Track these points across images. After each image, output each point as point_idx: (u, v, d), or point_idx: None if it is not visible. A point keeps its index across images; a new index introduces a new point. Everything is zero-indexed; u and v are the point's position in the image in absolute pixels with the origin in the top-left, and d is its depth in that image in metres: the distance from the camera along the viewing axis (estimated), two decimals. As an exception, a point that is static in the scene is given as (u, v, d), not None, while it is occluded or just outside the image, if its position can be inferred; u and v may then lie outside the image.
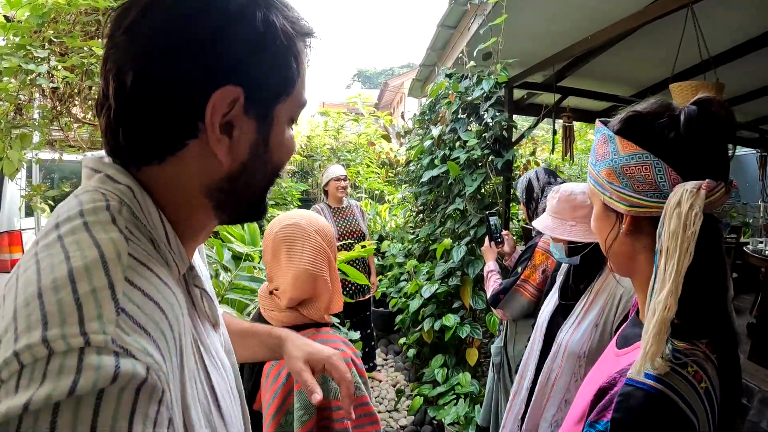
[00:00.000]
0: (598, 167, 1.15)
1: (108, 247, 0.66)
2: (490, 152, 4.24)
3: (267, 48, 0.78)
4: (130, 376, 0.56)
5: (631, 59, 5.50)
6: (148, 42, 0.73)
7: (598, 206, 1.21)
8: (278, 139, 0.86)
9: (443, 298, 4.63)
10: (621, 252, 1.18)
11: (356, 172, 10.39)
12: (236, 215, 0.91)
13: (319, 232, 1.81)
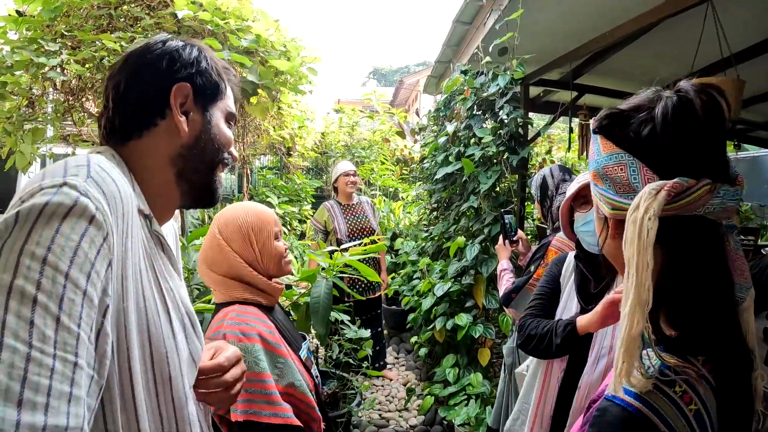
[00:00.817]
0: (590, 166, 1.07)
1: (92, 156, 1.00)
2: (505, 149, 4.18)
3: (201, 65, 1.24)
4: (84, 207, 0.85)
5: (649, 56, 5.42)
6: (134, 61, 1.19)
7: (595, 207, 1.12)
8: (217, 125, 1.27)
9: (456, 296, 4.58)
10: (613, 256, 1.10)
11: (370, 169, 10.36)
12: (192, 191, 1.26)
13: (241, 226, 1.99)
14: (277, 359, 1.88)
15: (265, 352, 1.85)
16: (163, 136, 1.18)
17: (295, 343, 2.08)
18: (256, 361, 1.80)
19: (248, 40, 4.12)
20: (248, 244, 1.98)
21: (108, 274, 0.89)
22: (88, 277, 0.83)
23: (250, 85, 4.11)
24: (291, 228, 10.22)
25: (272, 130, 6.99)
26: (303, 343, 2.19)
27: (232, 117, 1.34)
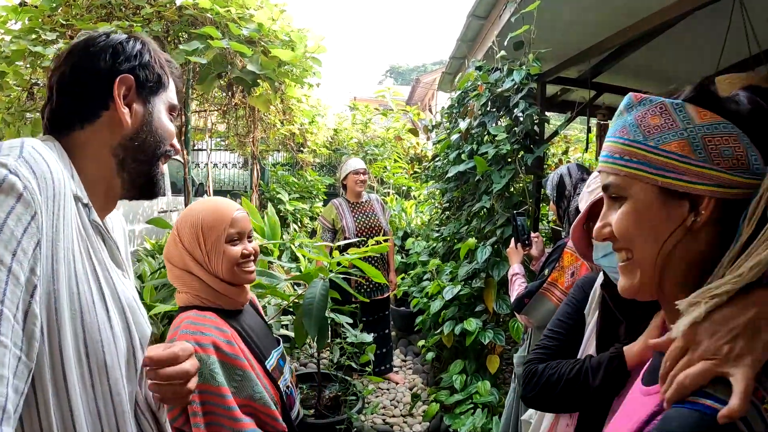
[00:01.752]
0: (653, 141, 0.92)
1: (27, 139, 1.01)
2: (520, 147, 4.02)
3: (144, 58, 1.25)
4: (12, 184, 0.87)
5: (671, 53, 5.27)
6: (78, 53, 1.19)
7: (646, 194, 0.94)
8: (159, 117, 1.28)
9: (466, 300, 4.44)
10: (688, 255, 0.92)
11: (383, 167, 10.27)
12: (133, 182, 1.26)
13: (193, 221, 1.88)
14: (234, 371, 1.76)
15: (221, 363, 1.73)
16: (105, 127, 1.19)
17: (262, 351, 1.95)
18: (213, 375, 1.69)
19: (249, 28, 4.02)
20: (196, 241, 1.87)
21: (36, 254, 0.90)
22: (14, 255, 0.85)
23: (250, 76, 4.00)
24: (302, 225, 10.15)
25: (280, 125, 6.90)
26: (274, 350, 2.05)
27: (174, 109, 1.36)
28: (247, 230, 1.95)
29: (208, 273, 1.86)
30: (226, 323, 1.84)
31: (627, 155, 0.96)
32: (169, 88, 1.34)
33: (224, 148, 12.78)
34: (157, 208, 8.81)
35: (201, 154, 13.52)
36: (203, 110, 7.73)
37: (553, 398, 1.60)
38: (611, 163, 0.98)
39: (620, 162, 0.97)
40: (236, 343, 1.81)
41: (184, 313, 1.84)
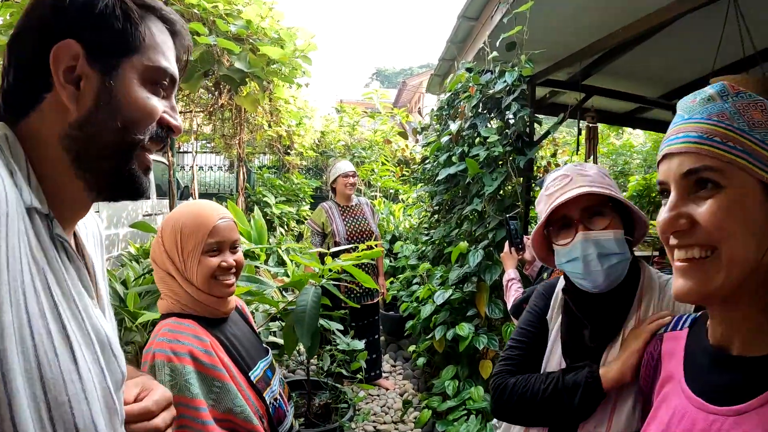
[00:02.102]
0: (759, 135, 0.88)
1: None
2: (512, 150, 3.97)
3: (96, 9, 0.91)
4: None
5: (662, 57, 5.26)
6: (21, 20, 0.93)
7: (748, 188, 0.88)
8: (126, 92, 0.95)
9: (457, 304, 4.39)
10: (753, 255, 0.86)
11: (370, 169, 10.25)
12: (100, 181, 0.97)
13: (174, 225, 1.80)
14: (212, 383, 1.68)
15: (198, 374, 1.65)
16: (50, 113, 0.92)
17: (247, 362, 1.87)
18: (187, 385, 1.61)
19: (238, 25, 3.95)
20: (175, 247, 1.78)
21: None
22: None
23: (238, 74, 3.93)
24: (288, 228, 10.10)
25: (267, 127, 6.83)
26: (261, 360, 1.97)
27: (160, 74, 1.01)
28: (230, 240, 1.85)
29: (185, 279, 1.79)
30: (206, 332, 1.77)
31: (731, 141, 0.89)
32: (146, 46, 0.98)
33: (210, 150, 12.70)
34: (141, 212, 8.74)
35: (186, 157, 13.44)
36: (189, 111, 7.65)
37: (527, 415, 1.60)
38: (707, 144, 0.90)
39: (722, 146, 0.89)
40: (216, 353, 1.73)
41: (163, 321, 1.77)
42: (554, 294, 1.74)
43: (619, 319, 1.54)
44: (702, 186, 0.90)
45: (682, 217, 0.91)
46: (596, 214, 1.53)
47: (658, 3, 3.56)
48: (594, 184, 1.52)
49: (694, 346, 1.09)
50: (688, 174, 0.91)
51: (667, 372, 1.14)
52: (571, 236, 1.54)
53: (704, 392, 0.97)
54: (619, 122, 8.79)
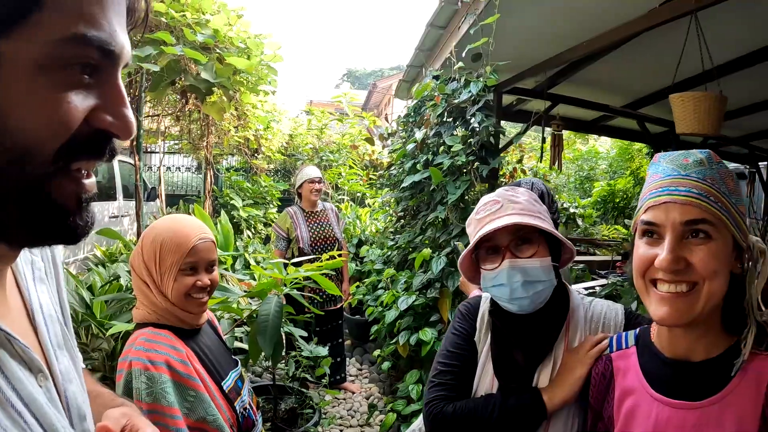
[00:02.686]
0: (734, 199, 1.14)
1: None
2: (475, 159, 4.03)
3: None
4: None
5: (626, 68, 5.37)
6: None
7: (726, 240, 1.13)
8: (16, 92, 0.58)
9: (421, 310, 4.43)
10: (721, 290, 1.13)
11: (338, 173, 10.25)
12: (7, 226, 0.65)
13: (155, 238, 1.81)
14: (187, 392, 1.71)
15: (174, 383, 1.68)
16: None
17: (219, 372, 1.91)
18: (164, 394, 1.63)
19: (205, 34, 3.94)
20: (153, 260, 1.80)
21: None
22: None
23: (204, 84, 3.93)
24: (255, 231, 10.06)
25: (233, 131, 6.81)
26: (232, 371, 2.01)
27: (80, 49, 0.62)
28: (207, 260, 1.86)
29: (160, 292, 1.80)
30: (181, 342, 1.79)
31: (719, 201, 1.12)
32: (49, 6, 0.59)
33: (178, 151, 12.60)
34: (108, 214, 8.63)
35: (153, 157, 13.30)
36: (156, 114, 7.60)
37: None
38: (706, 201, 1.12)
39: (715, 205, 1.12)
40: (191, 363, 1.76)
41: (139, 330, 1.79)
42: (479, 315, 1.75)
43: (549, 340, 1.60)
44: (695, 235, 1.12)
45: (681, 259, 1.12)
46: (524, 241, 1.57)
47: (621, 18, 3.64)
48: (524, 212, 1.57)
49: (650, 361, 1.29)
50: (690, 223, 1.12)
51: (624, 387, 1.32)
52: (497, 262, 1.57)
53: (681, 395, 1.18)
54: (585, 129, 8.92)
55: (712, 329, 1.18)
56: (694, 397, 1.16)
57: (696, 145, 8.95)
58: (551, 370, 1.57)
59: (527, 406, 1.51)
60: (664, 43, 4.05)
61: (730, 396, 1.12)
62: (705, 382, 1.16)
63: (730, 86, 4.00)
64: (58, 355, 0.83)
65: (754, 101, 6.35)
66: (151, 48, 3.84)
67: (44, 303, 0.85)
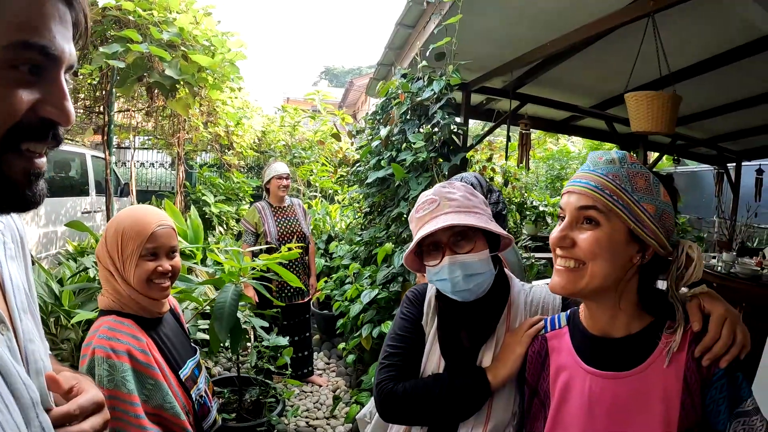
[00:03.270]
0: (637, 196, 1.29)
1: None
2: (438, 155, 4.10)
3: None
4: None
5: (591, 70, 5.47)
6: None
7: (619, 231, 1.30)
8: None
9: (384, 303, 4.49)
10: (623, 277, 1.32)
11: (309, 170, 10.27)
12: None
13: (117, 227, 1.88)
14: (146, 380, 1.78)
15: (134, 372, 1.74)
16: None
17: (177, 361, 1.98)
18: (124, 382, 1.70)
19: (171, 33, 3.99)
20: (116, 248, 1.87)
21: None
22: None
23: (169, 80, 3.98)
24: (227, 227, 10.06)
25: (202, 127, 6.83)
26: (190, 360, 2.08)
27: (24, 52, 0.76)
28: (168, 246, 1.93)
29: (123, 280, 1.87)
30: (142, 331, 1.86)
31: (615, 195, 1.29)
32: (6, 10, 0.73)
33: (150, 147, 12.55)
34: (80, 209, 8.61)
35: (127, 153, 13.24)
36: (128, 109, 7.59)
37: (418, 417, 1.70)
38: (599, 193, 1.30)
39: (608, 197, 1.29)
40: (150, 353, 1.82)
41: (103, 318, 1.85)
42: (426, 300, 1.84)
43: (491, 323, 1.72)
44: (588, 221, 1.31)
45: (567, 238, 1.33)
46: (462, 237, 1.67)
47: (582, 21, 3.74)
48: (460, 209, 1.67)
49: (580, 338, 1.45)
50: (581, 209, 1.32)
51: (559, 363, 1.47)
52: (439, 258, 1.67)
53: (611, 367, 1.34)
54: (555, 129, 9.05)
55: (628, 309, 1.35)
56: (622, 368, 1.32)
57: (664, 145, 9.12)
58: (494, 350, 1.68)
59: (472, 384, 1.62)
60: (627, 47, 4.14)
61: (655, 365, 1.28)
62: (630, 355, 1.32)
63: (691, 91, 4.12)
64: (22, 317, 0.95)
65: (715, 105, 6.48)
66: (118, 45, 3.88)
67: (14, 275, 0.98)
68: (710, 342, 1.25)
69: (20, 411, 0.85)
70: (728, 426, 1.22)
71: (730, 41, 4.43)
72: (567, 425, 1.39)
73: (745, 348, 1.27)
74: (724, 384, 1.22)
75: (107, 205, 5.71)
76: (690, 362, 1.26)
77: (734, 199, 10.30)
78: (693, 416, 1.23)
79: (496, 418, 1.62)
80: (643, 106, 3.57)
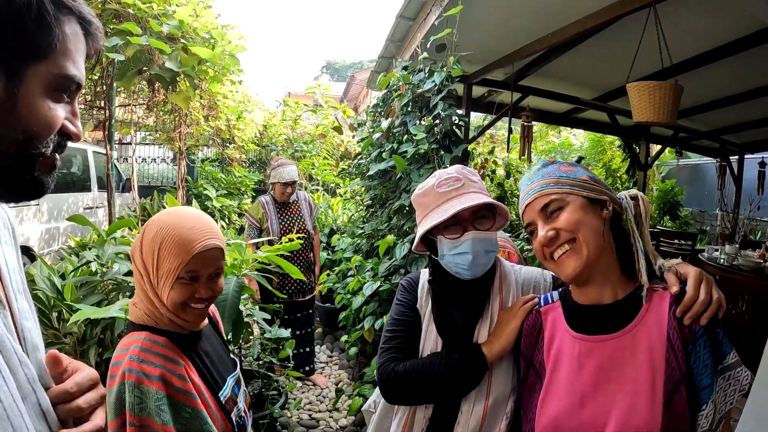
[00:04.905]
0: (571, 176, 1.52)
1: None
2: (439, 147, 4.09)
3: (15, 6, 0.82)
4: None
5: (593, 62, 5.45)
6: None
7: (579, 202, 1.47)
8: (30, 102, 0.88)
9: (386, 296, 4.49)
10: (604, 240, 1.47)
11: (311, 163, 10.28)
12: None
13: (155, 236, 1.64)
14: (183, 408, 1.59)
15: (169, 399, 1.56)
16: None
17: (218, 381, 1.79)
18: (158, 411, 1.52)
19: (170, 25, 3.99)
20: (151, 258, 1.64)
21: None
22: None
23: (169, 73, 3.98)
24: (230, 222, 10.07)
25: (203, 121, 6.83)
26: (230, 376, 1.88)
27: (68, 82, 0.94)
28: (213, 269, 1.69)
29: (155, 294, 1.66)
30: (180, 353, 1.67)
31: (558, 183, 1.50)
32: (59, 52, 0.91)
33: (152, 142, 12.56)
34: (82, 205, 8.63)
35: (129, 148, 13.25)
36: (129, 104, 7.59)
37: (421, 395, 1.76)
38: (548, 189, 1.50)
39: (555, 187, 1.49)
40: (189, 378, 1.64)
41: (134, 335, 1.65)
42: (420, 285, 1.94)
43: (483, 301, 1.81)
44: (553, 212, 1.48)
45: (551, 230, 1.46)
46: (482, 216, 1.77)
47: (583, 12, 3.73)
48: (482, 190, 1.80)
49: (571, 310, 1.57)
50: (544, 208, 1.50)
51: (551, 334, 1.58)
52: (459, 233, 1.74)
53: (599, 332, 1.45)
54: (557, 122, 9.02)
55: (612, 277, 1.49)
56: (611, 331, 1.43)
57: (667, 138, 9.09)
58: (488, 327, 1.77)
59: (469, 359, 1.69)
60: (628, 38, 4.13)
61: (640, 325, 1.40)
62: (618, 318, 1.44)
63: (693, 82, 4.11)
64: (17, 297, 1.02)
65: (718, 97, 6.47)
66: (117, 38, 3.88)
67: (9, 259, 1.06)
68: (689, 301, 1.35)
69: (17, 386, 0.91)
70: (715, 381, 1.31)
71: (732, 33, 4.42)
72: (558, 389, 1.48)
73: (722, 307, 1.36)
74: (706, 340, 1.33)
75: (109, 201, 5.71)
76: (672, 321, 1.37)
77: (737, 191, 10.27)
78: (677, 373, 1.32)
79: (497, 391, 1.69)
80: (645, 97, 3.57)
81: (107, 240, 3.26)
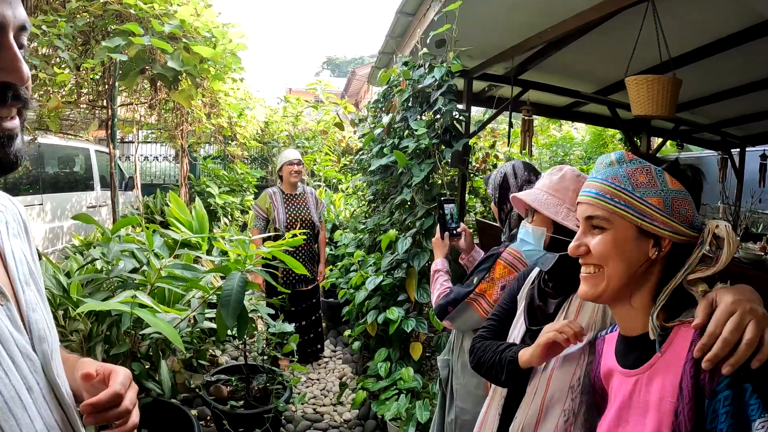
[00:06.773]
0: (639, 193, 1.30)
1: None
2: (439, 142, 4.12)
3: None
4: None
5: (592, 55, 5.45)
6: None
7: (626, 230, 1.30)
8: None
9: (388, 290, 4.53)
10: (640, 274, 1.30)
11: (313, 159, 10.30)
12: None
13: None
14: None
15: None
16: None
17: None
18: None
19: (172, 25, 4.02)
20: None
21: None
22: None
23: (171, 72, 4.01)
24: (232, 218, 10.10)
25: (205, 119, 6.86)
26: None
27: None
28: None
29: None
30: None
31: (616, 198, 1.31)
32: None
33: (154, 140, 12.58)
34: (86, 203, 8.66)
35: (131, 147, 13.28)
36: (131, 103, 7.62)
37: (483, 371, 1.99)
38: (601, 200, 1.33)
39: (610, 202, 1.32)
40: None
41: None
42: (529, 277, 2.12)
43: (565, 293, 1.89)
44: (596, 227, 1.35)
45: (582, 245, 1.37)
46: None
47: (583, 5, 3.74)
48: None
49: (619, 339, 1.46)
50: (587, 218, 1.36)
51: (606, 366, 1.48)
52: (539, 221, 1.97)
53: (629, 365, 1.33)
54: (558, 116, 9.03)
55: (646, 308, 1.32)
56: (635, 366, 1.31)
57: (668, 131, 9.09)
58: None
59: (509, 357, 1.82)
60: (627, 33, 4.13)
61: (658, 364, 1.22)
62: (642, 353, 1.30)
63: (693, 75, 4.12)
64: (24, 289, 0.99)
65: (719, 90, 6.46)
66: (120, 39, 3.92)
67: (16, 250, 1.02)
68: (709, 340, 1.06)
69: (20, 377, 0.89)
70: None
71: (731, 26, 4.41)
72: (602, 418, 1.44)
73: (761, 353, 1.03)
74: (729, 396, 1.02)
75: (112, 200, 5.75)
76: (688, 365, 1.11)
77: (738, 184, 10.24)
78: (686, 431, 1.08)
79: (554, 386, 1.73)
80: (644, 90, 3.58)
81: (112, 238, 3.28)
